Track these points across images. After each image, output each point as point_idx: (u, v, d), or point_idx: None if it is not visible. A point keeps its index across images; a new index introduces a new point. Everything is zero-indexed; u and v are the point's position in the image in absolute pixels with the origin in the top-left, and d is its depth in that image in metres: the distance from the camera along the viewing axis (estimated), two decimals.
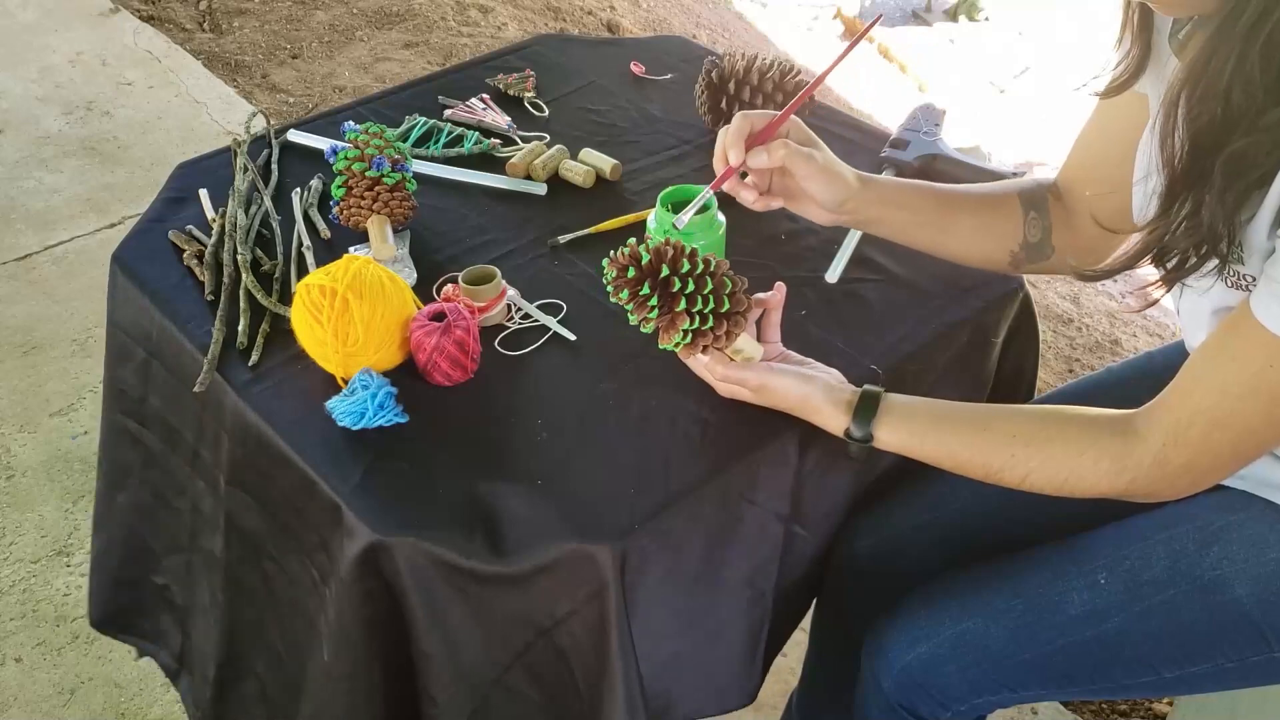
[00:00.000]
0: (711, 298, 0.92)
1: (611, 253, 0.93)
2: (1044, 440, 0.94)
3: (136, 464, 1.24)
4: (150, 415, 1.21)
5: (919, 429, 0.97)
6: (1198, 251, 0.84)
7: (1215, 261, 0.84)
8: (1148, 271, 0.92)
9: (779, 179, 1.06)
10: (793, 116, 1.04)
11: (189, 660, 1.27)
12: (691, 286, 0.92)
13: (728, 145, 1.02)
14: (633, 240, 0.93)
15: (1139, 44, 0.97)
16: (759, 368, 0.99)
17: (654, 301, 0.92)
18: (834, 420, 0.98)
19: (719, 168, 1.03)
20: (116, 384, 1.24)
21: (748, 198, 1.05)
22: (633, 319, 0.94)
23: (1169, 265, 0.86)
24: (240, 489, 1.08)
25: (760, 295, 1.02)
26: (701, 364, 1.01)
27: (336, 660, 0.99)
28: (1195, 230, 0.82)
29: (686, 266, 0.92)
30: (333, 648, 0.99)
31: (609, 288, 0.93)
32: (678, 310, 0.92)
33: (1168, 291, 0.91)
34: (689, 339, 0.94)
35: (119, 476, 1.27)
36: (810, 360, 1.04)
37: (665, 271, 0.91)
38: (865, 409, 0.97)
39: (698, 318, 0.92)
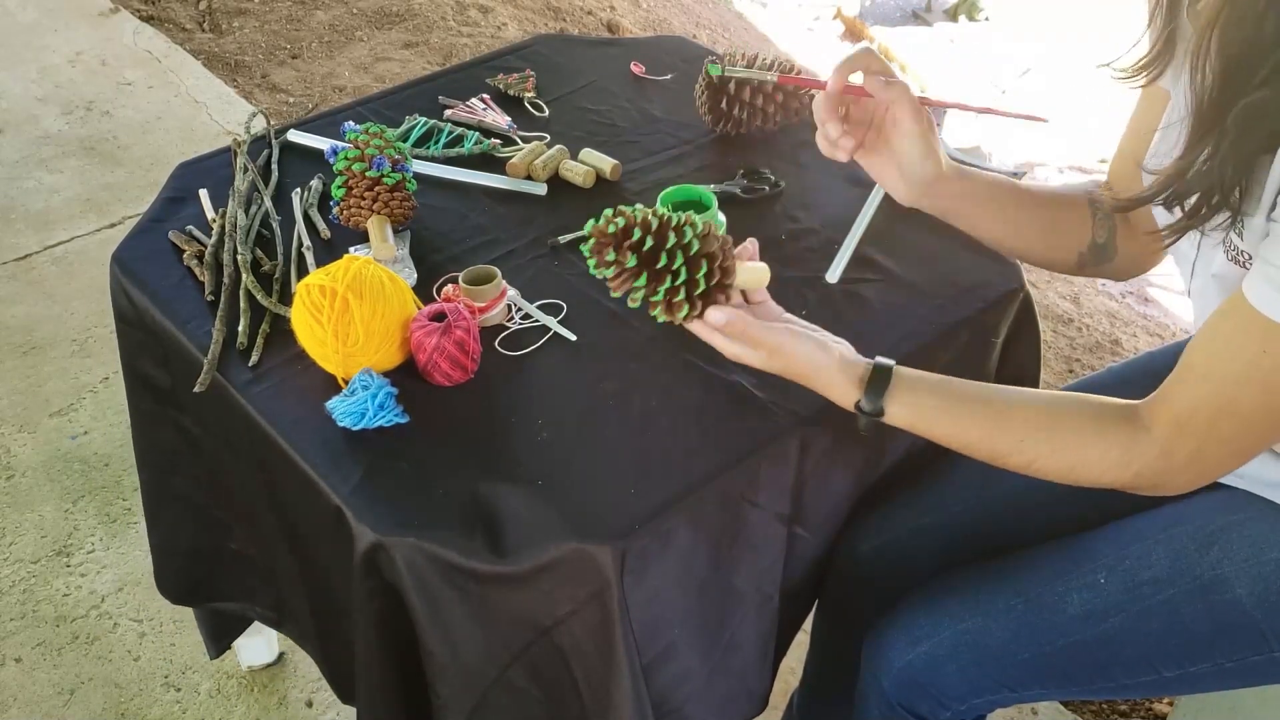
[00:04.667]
0: (701, 277, 0.91)
1: (596, 223, 0.92)
2: (1053, 427, 0.93)
3: (184, 446, 1.25)
4: (183, 402, 1.21)
5: (930, 405, 0.96)
6: (1209, 199, 0.83)
7: (1226, 213, 0.83)
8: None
9: (875, 135, 1.01)
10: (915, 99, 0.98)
11: (287, 611, 1.28)
12: (679, 261, 0.91)
13: (839, 69, 0.96)
14: (614, 214, 0.92)
15: (1166, 21, 0.96)
16: (776, 329, 0.96)
17: (640, 281, 0.91)
18: (845, 393, 0.96)
19: (832, 88, 0.98)
20: (140, 376, 1.24)
21: (832, 133, 0.98)
22: (615, 293, 0.93)
23: (1185, 208, 0.86)
24: (271, 476, 1.08)
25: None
26: (710, 327, 0.96)
27: (358, 649, 1.00)
28: (1210, 174, 0.82)
29: (673, 240, 0.91)
30: (356, 637, 1.00)
31: (591, 263, 0.92)
32: (666, 288, 0.91)
33: (1175, 240, 0.90)
34: (679, 308, 0.93)
35: (167, 461, 1.28)
36: (817, 327, 1.00)
37: (649, 243, 0.90)
38: (877, 383, 0.95)
39: (683, 289, 0.91)
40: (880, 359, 0.97)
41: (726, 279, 0.94)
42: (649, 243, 0.90)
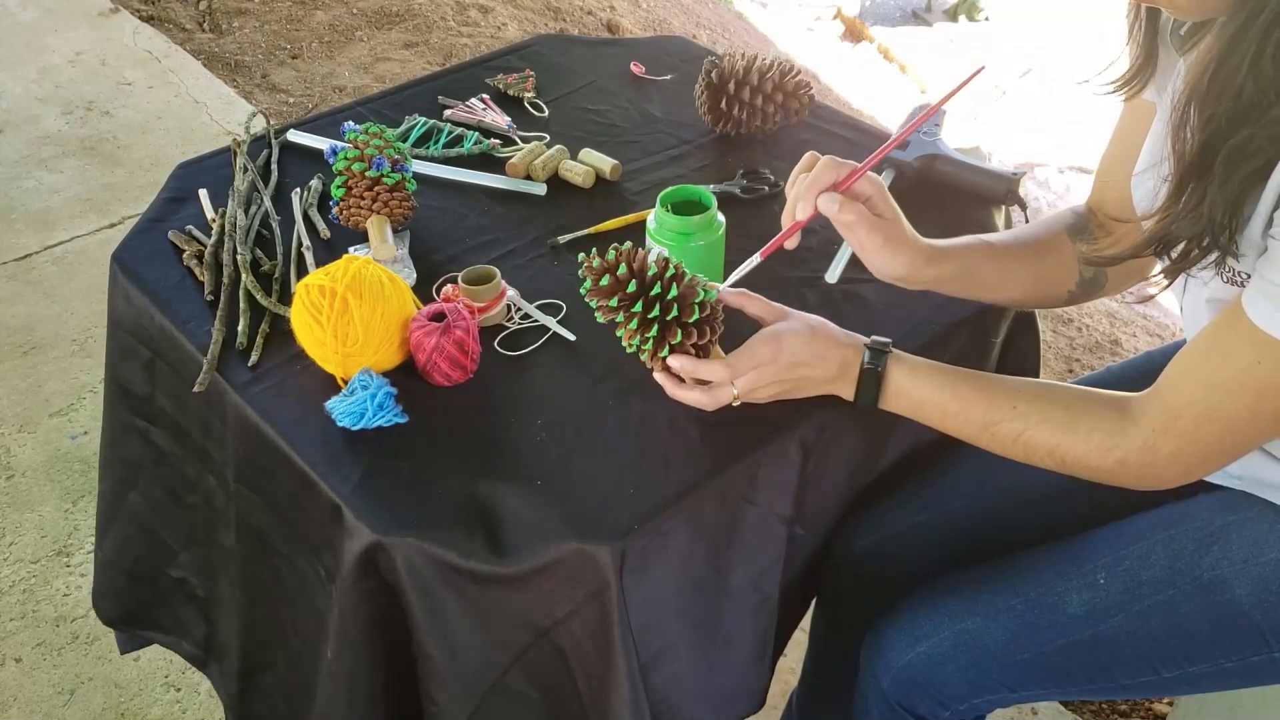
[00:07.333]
0: (693, 307, 0.96)
1: (591, 258, 0.96)
2: (1045, 401, 0.96)
3: (148, 461, 1.24)
4: (158, 413, 1.21)
5: (925, 374, 0.99)
6: (1199, 243, 0.84)
7: (1216, 253, 0.84)
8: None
9: (844, 229, 1.02)
10: (880, 185, 1.00)
11: (215, 648, 1.27)
12: (671, 273, 0.95)
13: (799, 196, 0.99)
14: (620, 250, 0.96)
15: (1146, 42, 0.98)
16: (768, 331, 0.99)
17: (631, 288, 0.94)
18: (853, 341, 0.99)
19: (786, 221, 1.02)
20: (121, 382, 1.24)
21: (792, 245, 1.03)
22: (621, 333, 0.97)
23: (1173, 255, 0.86)
24: (247, 487, 1.08)
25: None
26: (721, 385, 0.98)
27: (338, 658, 1.00)
28: (1198, 220, 0.83)
29: (664, 265, 0.96)
30: (335, 646, 1.00)
31: (586, 288, 0.96)
32: (667, 320, 0.95)
33: (1170, 284, 0.91)
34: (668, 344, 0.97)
35: (129, 474, 1.27)
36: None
37: (656, 289, 0.94)
38: (877, 347, 0.99)
39: (674, 307, 0.95)
40: (877, 338, 1.01)
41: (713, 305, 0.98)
42: (636, 257, 0.95)
